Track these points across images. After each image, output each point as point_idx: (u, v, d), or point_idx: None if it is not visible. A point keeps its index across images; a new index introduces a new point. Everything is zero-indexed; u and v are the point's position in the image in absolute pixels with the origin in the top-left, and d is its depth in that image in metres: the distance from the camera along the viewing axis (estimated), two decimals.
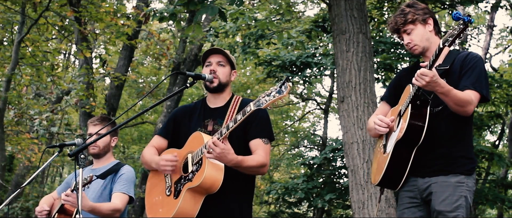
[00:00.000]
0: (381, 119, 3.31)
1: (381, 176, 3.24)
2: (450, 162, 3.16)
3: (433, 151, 3.17)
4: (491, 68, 17.84)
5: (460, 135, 3.20)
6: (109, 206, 3.86)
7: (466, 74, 3.16)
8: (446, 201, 3.10)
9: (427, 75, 2.93)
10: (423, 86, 2.98)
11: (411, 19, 3.29)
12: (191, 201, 3.19)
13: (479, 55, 3.29)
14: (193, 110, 3.58)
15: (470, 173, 3.19)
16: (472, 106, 3.08)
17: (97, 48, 15.88)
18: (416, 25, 3.30)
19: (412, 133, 3.11)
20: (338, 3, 7.21)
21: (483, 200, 11.88)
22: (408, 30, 3.31)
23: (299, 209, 17.35)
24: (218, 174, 3.16)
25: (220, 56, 3.50)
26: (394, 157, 3.18)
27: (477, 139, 12.60)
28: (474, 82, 3.12)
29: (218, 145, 3.06)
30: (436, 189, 3.15)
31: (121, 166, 4.10)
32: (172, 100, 14.66)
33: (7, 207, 3.54)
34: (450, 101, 3.04)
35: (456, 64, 3.22)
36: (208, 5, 6.56)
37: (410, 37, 3.31)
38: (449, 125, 3.19)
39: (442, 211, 3.10)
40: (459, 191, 3.12)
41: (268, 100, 2.88)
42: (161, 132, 3.63)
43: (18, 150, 12.11)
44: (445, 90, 2.99)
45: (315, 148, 19.81)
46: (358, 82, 7.02)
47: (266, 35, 11.26)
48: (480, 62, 3.20)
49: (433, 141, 3.16)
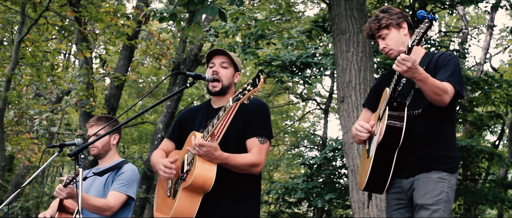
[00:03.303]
0: (361, 125, 3.36)
1: (366, 181, 3.27)
2: (432, 161, 3.19)
3: (415, 152, 3.21)
4: (491, 68, 17.84)
5: (441, 135, 3.23)
6: (100, 201, 3.83)
7: (441, 70, 3.21)
8: (427, 195, 3.13)
9: (409, 60, 2.95)
10: (403, 72, 3.00)
11: (385, 24, 3.34)
12: (187, 201, 3.20)
13: (453, 54, 3.34)
14: (198, 112, 3.59)
15: (453, 171, 3.21)
16: (447, 96, 3.09)
17: (97, 48, 15.89)
18: (390, 30, 3.35)
19: (391, 134, 3.14)
20: (338, 3, 7.20)
21: (483, 200, 11.87)
22: (383, 35, 3.37)
23: (299, 209, 17.36)
24: (209, 172, 3.16)
25: (224, 57, 3.48)
26: (377, 161, 3.21)
27: (477, 139, 12.58)
28: (448, 76, 3.15)
29: (203, 144, 3.09)
30: (417, 184, 3.19)
31: (123, 164, 4.07)
32: (172, 100, 14.67)
33: (7, 207, 3.54)
34: (428, 89, 3.05)
35: (431, 64, 3.28)
36: (208, 5, 6.56)
37: (385, 42, 3.36)
38: (429, 126, 3.22)
39: (423, 205, 3.12)
40: (441, 186, 3.15)
41: (244, 94, 2.94)
42: (168, 135, 3.67)
43: (18, 150, 12.11)
44: (423, 76, 3.01)
45: (315, 148, 19.82)
46: (358, 82, 7.02)
47: (266, 35, 11.26)
48: (454, 60, 3.25)
49: (415, 143, 3.19)
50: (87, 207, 3.79)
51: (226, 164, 3.21)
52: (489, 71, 15.96)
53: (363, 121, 3.43)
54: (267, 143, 3.38)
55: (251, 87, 2.92)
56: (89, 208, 3.79)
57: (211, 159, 3.16)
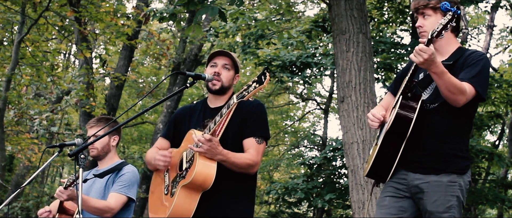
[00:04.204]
0: (373, 113, 3.29)
1: (370, 167, 3.22)
2: (442, 160, 3.11)
3: (425, 146, 3.13)
4: (491, 68, 17.83)
5: (455, 132, 3.15)
6: (100, 203, 3.83)
7: (467, 69, 3.11)
8: (438, 201, 3.07)
9: (426, 51, 2.88)
10: (420, 63, 2.92)
11: (433, 6, 3.19)
12: (186, 199, 3.19)
13: (485, 55, 3.23)
14: (194, 110, 3.58)
15: (463, 172, 3.14)
16: (464, 97, 2.99)
17: (97, 48, 15.88)
18: (435, 13, 3.19)
19: (400, 124, 3.07)
20: (338, 3, 7.20)
21: (483, 200, 11.88)
22: (426, 15, 3.23)
23: (299, 209, 17.36)
24: (209, 170, 3.16)
25: (227, 59, 3.48)
26: (382, 148, 3.15)
27: (477, 139, 12.59)
28: (472, 77, 3.06)
29: (206, 140, 3.09)
30: (427, 189, 3.11)
31: (123, 166, 4.06)
32: (172, 100, 14.67)
33: (7, 207, 3.53)
34: (443, 85, 2.97)
35: (460, 61, 3.17)
36: (208, 5, 6.55)
37: (424, 21, 3.22)
38: (444, 122, 3.13)
39: (434, 212, 3.07)
40: (451, 191, 3.09)
41: (250, 92, 2.94)
42: (163, 133, 3.66)
43: (18, 150, 12.11)
44: (440, 70, 2.93)
45: (315, 148, 19.82)
46: (358, 82, 7.02)
47: (266, 35, 11.25)
48: (484, 61, 3.13)
49: (426, 137, 3.12)
50: (87, 209, 3.78)
51: (226, 161, 3.21)
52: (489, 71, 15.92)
53: (376, 110, 3.34)
54: (264, 143, 3.39)
55: (257, 84, 2.92)
56: (89, 209, 3.79)
57: (213, 155, 3.15)
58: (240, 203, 3.37)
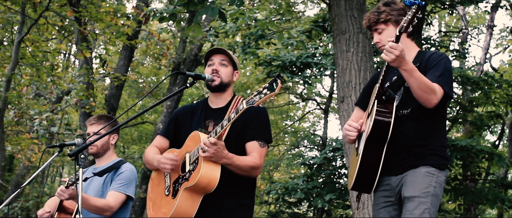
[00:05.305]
0: (350, 124, 3.32)
1: (354, 178, 3.20)
2: (420, 157, 3.15)
3: (404, 151, 3.15)
4: (491, 68, 17.84)
5: (430, 136, 3.18)
6: (100, 201, 3.83)
7: (431, 70, 3.14)
8: (415, 187, 3.07)
9: (397, 48, 2.91)
10: (392, 60, 2.94)
11: (383, 19, 3.26)
12: (188, 201, 3.19)
13: (445, 54, 3.27)
14: (195, 110, 3.57)
15: (442, 168, 3.16)
16: (435, 96, 3.03)
17: (97, 48, 15.89)
18: (388, 26, 3.26)
19: (379, 129, 3.07)
20: (338, 3, 7.20)
21: (483, 200, 11.87)
22: (379, 30, 3.29)
23: (299, 209, 17.35)
24: (214, 173, 3.16)
25: (223, 56, 3.49)
26: (365, 156, 3.14)
27: (477, 139, 12.58)
28: (438, 77, 3.09)
29: (213, 144, 3.08)
30: (405, 180, 3.14)
31: (122, 164, 4.07)
32: (172, 100, 14.66)
33: (7, 207, 3.54)
34: (414, 83, 2.99)
35: (422, 64, 3.21)
36: (208, 5, 6.55)
37: (380, 36, 3.28)
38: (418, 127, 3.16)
39: (410, 197, 3.06)
40: (429, 180, 3.09)
41: (260, 98, 2.91)
42: (163, 132, 3.64)
43: (18, 150, 12.11)
44: (410, 67, 2.96)
45: (315, 148, 19.81)
46: (358, 82, 7.02)
47: (266, 35, 11.26)
48: (445, 60, 3.18)
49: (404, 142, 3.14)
50: (87, 208, 3.79)
51: (231, 164, 3.21)
52: (489, 71, 15.96)
53: (352, 121, 3.37)
54: (266, 147, 3.40)
55: (268, 91, 2.90)
56: (89, 208, 3.79)
57: (219, 159, 3.15)
58: (241, 205, 3.37)
